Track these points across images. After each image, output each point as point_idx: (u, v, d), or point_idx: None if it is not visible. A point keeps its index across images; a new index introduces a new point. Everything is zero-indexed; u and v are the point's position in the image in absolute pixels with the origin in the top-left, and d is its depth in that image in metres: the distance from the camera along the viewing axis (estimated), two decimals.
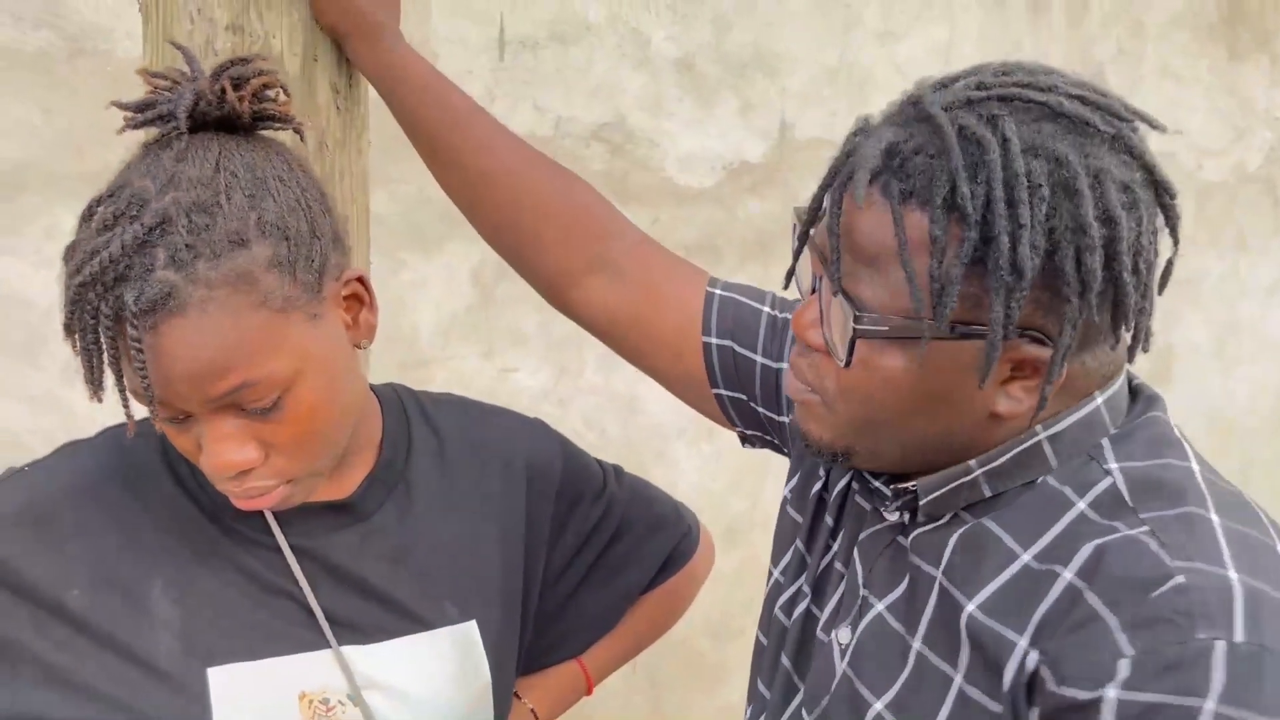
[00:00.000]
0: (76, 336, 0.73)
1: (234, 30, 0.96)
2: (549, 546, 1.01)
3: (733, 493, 2.42)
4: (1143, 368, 2.85)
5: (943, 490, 0.75)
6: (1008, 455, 0.72)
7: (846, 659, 0.79)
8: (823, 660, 0.81)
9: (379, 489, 0.90)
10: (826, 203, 0.73)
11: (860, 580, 0.80)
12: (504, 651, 0.94)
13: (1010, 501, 0.73)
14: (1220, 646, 0.60)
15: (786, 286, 0.83)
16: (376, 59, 1.00)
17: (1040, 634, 0.66)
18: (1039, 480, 0.72)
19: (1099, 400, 0.72)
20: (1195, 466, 0.71)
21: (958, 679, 0.70)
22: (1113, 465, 0.71)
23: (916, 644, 0.74)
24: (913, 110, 0.69)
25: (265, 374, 0.73)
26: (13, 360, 1.57)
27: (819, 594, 0.86)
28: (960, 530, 0.74)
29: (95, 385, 0.73)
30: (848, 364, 0.70)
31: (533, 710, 1.05)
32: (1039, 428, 0.72)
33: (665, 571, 1.11)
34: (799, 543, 0.89)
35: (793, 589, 0.88)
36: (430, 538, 0.92)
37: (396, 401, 0.96)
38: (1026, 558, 0.69)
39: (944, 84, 0.70)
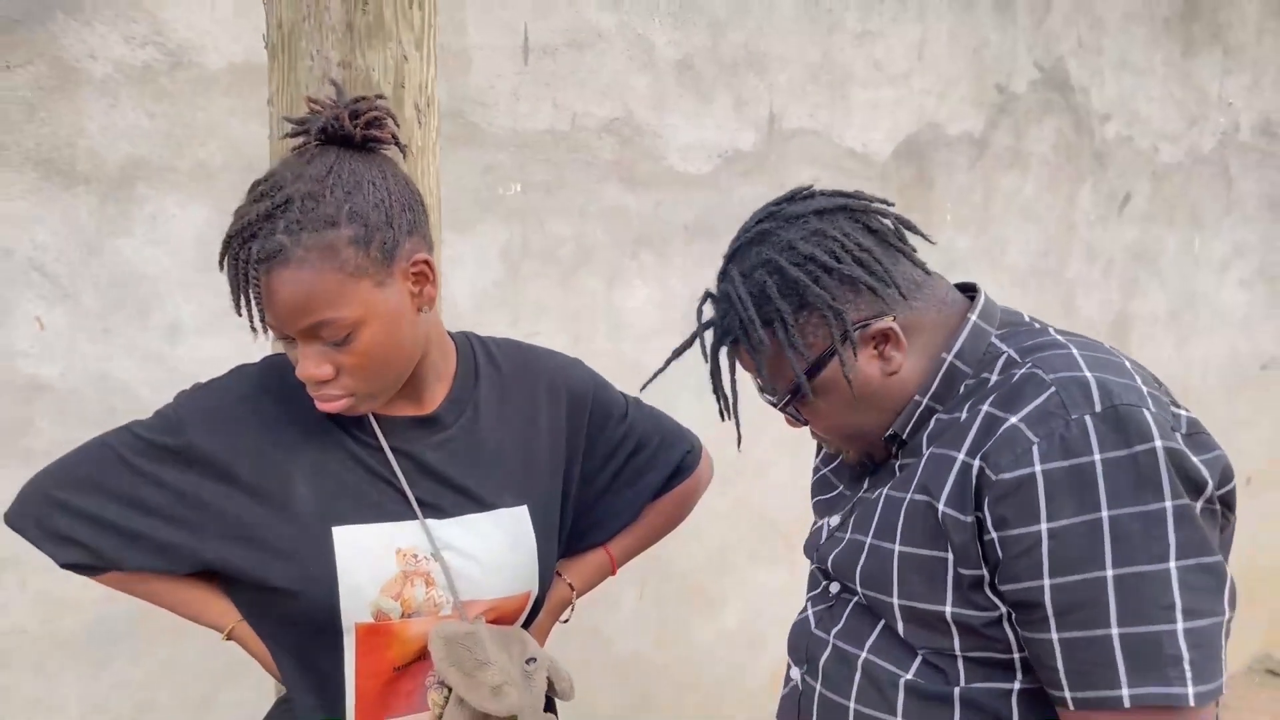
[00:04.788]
0: (227, 272, 1.05)
1: (344, 65, 1.27)
2: (583, 456, 1.31)
3: (726, 442, 2.72)
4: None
5: (910, 421, 1.06)
6: (935, 381, 1.05)
7: (832, 531, 1.14)
8: (816, 534, 1.19)
9: (454, 407, 1.22)
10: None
11: (863, 490, 1.13)
12: (547, 529, 1.24)
13: (954, 402, 1.04)
14: (1089, 419, 0.89)
15: (722, 419, 1.20)
16: None
17: (974, 448, 0.95)
18: (963, 384, 1.04)
19: (972, 318, 1.05)
20: (1057, 336, 1.02)
21: (940, 504, 0.97)
22: (1004, 348, 1.03)
23: (908, 496, 1.02)
24: (709, 301, 1.14)
25: (336, 316, 1.04)
26: (127, 323, 1.87)
27: (821, 509, 1.24)
28: (929, 426, 1.05)
29: (237, 306, 1.05)
30: (804, 421, 1.11)
31: (570, 584, 1.36)
32: (944, 354, 1.04)
33: (674, 479, 1.41)
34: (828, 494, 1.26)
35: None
36: (493, 443, 1.23)
37: (467, 343, 1.28)
38: (961, 413, 1.00)
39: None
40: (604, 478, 1.34)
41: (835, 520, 1.15)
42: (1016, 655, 0.96)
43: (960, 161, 3.09)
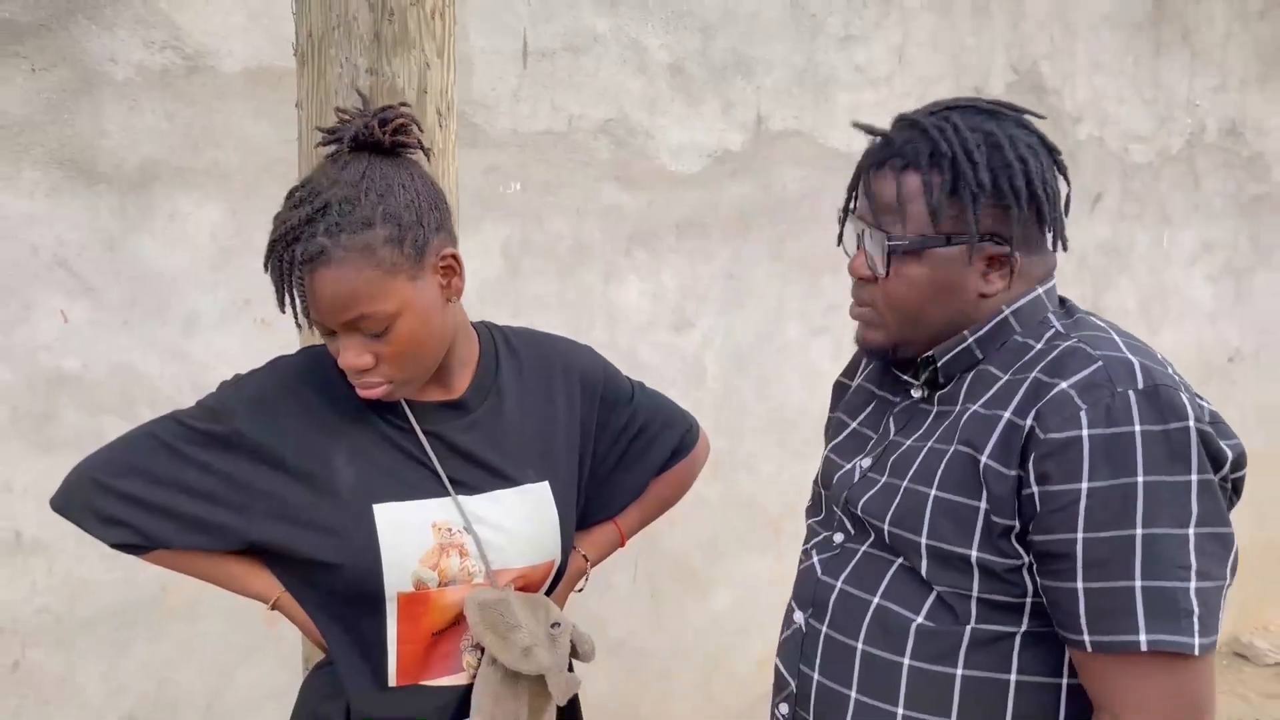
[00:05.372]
0: (272, 273, 1.13)
1: (371, 72, 1.35)
2: (595, 437, 1.40)
3: (716, 433, 2.80)
4: None
5: (951, 353, 1.14)
6: (987, 326, 1.13)
7: (864, 474, 1.20)
8: (845, 476, 1.24)
9: (479, 392, 1.30)
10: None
11: (892, 433, 1.20)
12: (566, 503, 1.33)
13: (995, 355, 1.13)
14: (1132, 393, 0.99)
15: (840, 244, 1.22)
16: None
17: (1022, 409, 1.03)
18: (1009, 340, 1.12)
19: (1040, 290, 1.14)
20: (1100, 321, 1.12)
21: (983, 457, 1.05)
22: (1055, 323, 1.12)
23: (951, 448, 1.10)
24: (900, 123, 1.14)
25: (375, 310, 1.12)
26: (146, 317, 1.95)
27: (845, 451, 1.28)
28: (969, 378, 1.13)
29: (281, 304, 1.14)
30: (887, 274, 1.12)
31: (584, 556, 1.45)
32: (1004, 307, 1.12)
33: (675, 457, 1.49)
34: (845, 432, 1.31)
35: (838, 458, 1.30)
36: (515, 425, 1.31)
37: (487, 332, 1.37)
38: (1007, 375, 1.09)
39: (916, 110, 1.16)
40: (613, 456, 1.43)
41: (868, 462, 1.21)
42: (1029, 600, 1.05)
43: None
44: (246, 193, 2.01)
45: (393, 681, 1.24)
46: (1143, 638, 0.96)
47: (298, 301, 1.12)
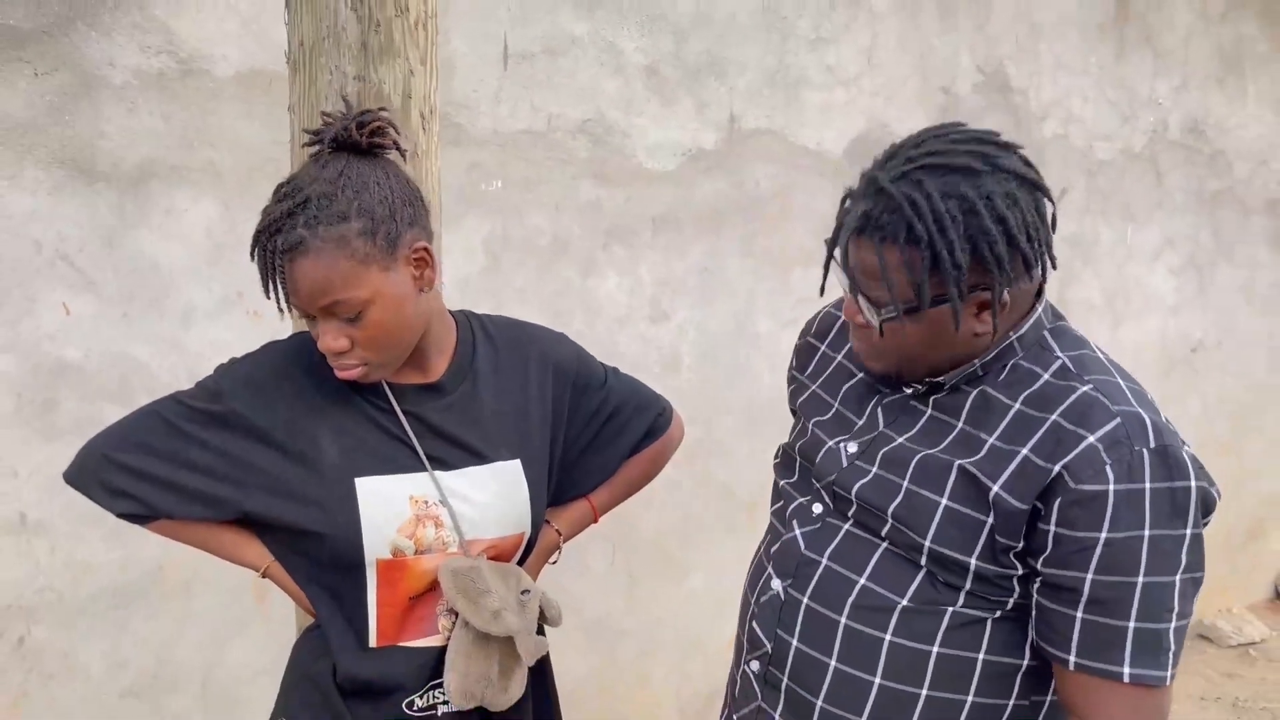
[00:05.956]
0: (256, 261, 1.24)
1: (359, 79, 1.45)
2: (567, 419, 1.50)
3: (691, 421, 2.91)
4: None
5: (959, 376, 1.20)
6: (994, 351, 1.19)
7: (851, 460, 1.26)
8: (830, 456, 1.30)
9: (456, 376, 1.40)
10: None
11: (881, 424, 1.27)
12: (537, 480, 1.43)
13: (997, 377, 1.19)
14: (1146, 452, 1.08)
15: (822, 294, 1.27)
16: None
17: (1043, 451, 1.10)
18: (1011, 364, 1.19)
19: (1039, 311, 1.21)
20: (1100, 355, 1.20)
21: (995, 487, 1.12)
22: (1059, 353, 1.18)
23: (956, 463, 1.16)
24: (870, 186, 1.14)
25: (349, 296, 1.22)
26: (144, 309, 2.04)
27: (827, 429, 1.34)
28: (971, 395, 1.20)
29: (265, 290, 1.24)
30: (881, 335, 1.19)
31: (558, 530, 1.55)
32: (1010, 333, 1.19)
33: (648, 439, 1.59)
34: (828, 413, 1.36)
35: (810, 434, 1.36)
36: (490, 407, 1.41)
37: (465, 320, 1.47)
38: (1017, 405, 1.16)
39: (885, 160, 1.16)
40: (585, 437, 1.53)
41: (853, 448, 1.27)
42: (1012, 599, 1.16)
43: None
44: (239, 191, 2.10)
45: (373, 643, 1.34)
46: (1126, 670, 1.09)
47: (279, 288, 1.23)
